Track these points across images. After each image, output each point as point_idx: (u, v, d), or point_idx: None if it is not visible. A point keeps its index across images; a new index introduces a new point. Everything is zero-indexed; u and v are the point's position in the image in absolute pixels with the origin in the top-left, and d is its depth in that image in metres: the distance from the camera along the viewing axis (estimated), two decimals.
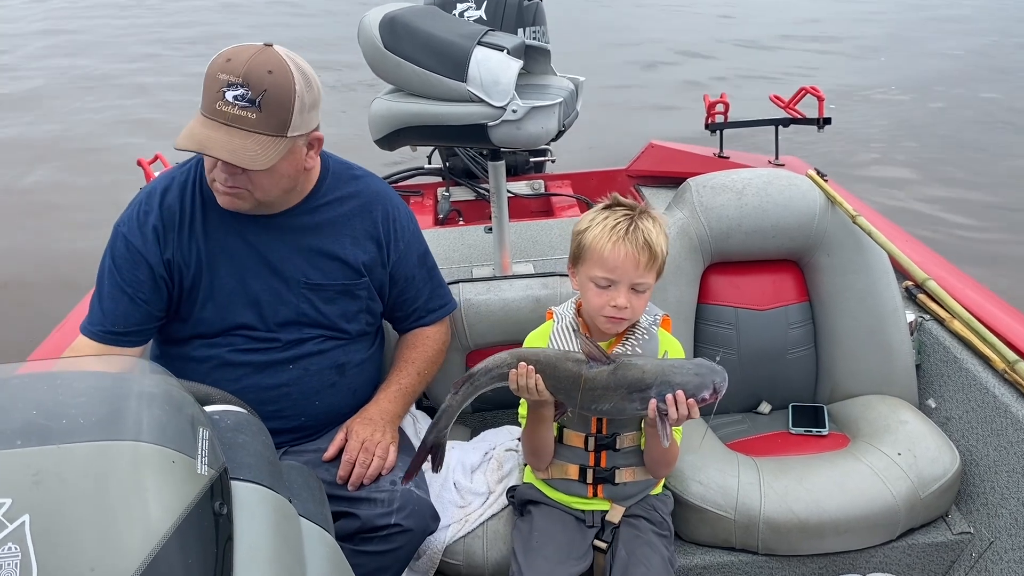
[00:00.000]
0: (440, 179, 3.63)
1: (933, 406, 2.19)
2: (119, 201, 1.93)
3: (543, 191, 3.57)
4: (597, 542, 1.72)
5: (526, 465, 1.86)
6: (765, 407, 2.23)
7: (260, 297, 1.74)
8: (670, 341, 1.74)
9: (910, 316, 2.22)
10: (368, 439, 1.74)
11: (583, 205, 3.40)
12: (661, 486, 1.84)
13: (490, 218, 2.41)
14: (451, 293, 2.04)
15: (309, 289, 1.77)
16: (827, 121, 3.11)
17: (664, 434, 1.51)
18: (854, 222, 2.16)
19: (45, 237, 5.47)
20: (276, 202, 1.71)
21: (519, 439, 1.86)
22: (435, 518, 1.74)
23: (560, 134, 2.06)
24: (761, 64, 9.75)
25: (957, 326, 2.15)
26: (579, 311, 1.74)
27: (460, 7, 2.75)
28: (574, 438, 1.73)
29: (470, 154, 3.48)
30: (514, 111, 1.94)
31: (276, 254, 1.74)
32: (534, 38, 2.72)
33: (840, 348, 2.18)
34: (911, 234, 2.65)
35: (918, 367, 2.22)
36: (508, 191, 2.56)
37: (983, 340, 2.04)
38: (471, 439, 2.14)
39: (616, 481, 1.73)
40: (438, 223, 3.30)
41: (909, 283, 2.35)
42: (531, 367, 1.56)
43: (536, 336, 1.77)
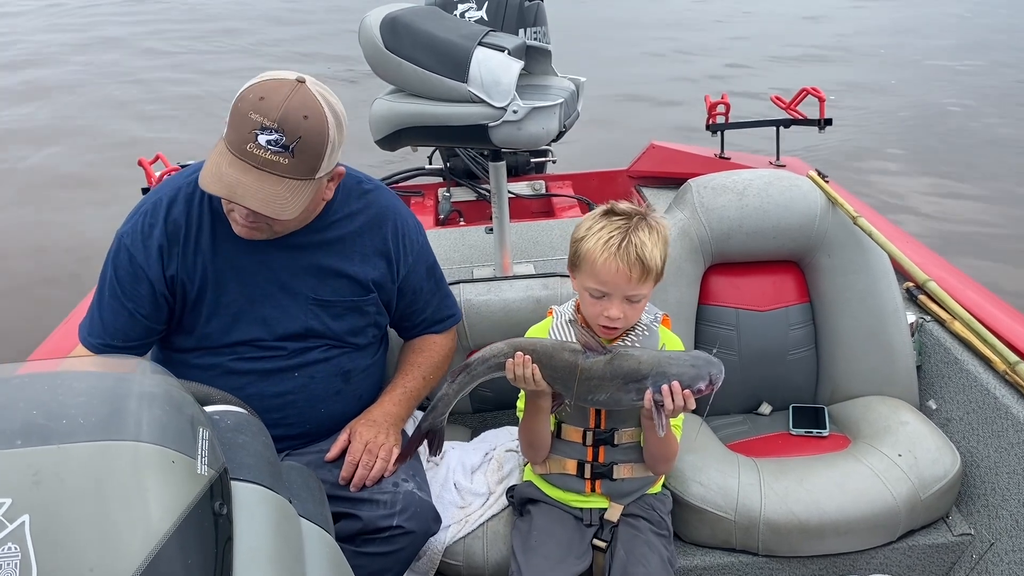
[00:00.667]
0: (441, 179, 3.63)
1: (934, 407, 2.19)
2: (120, 198, 1.92)
3: (544, 192, 3.57)
4: (596, 541, 1.72)
5: (526, 465, 1.86)
6: (765, 408, 2.23)
7: (268, 315, 1.73)
8: (670, 337, 1.75)
9: (911, 317, 2.22)
10: (371, 441, 1.73)
11: (584, 206, 3.39)
12: (659, 485, 1.84)
13: (491, 219, 2.41)
14: (457, 303, 2.03)
15: (318, 305, 1.75)
16: (828, 122, 3.11)
17: (660, 424, 1.52)
18: (855, 223, 2.16)
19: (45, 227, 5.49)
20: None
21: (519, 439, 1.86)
22: (437, 520, 1.74)
23: (561, 135, 2.06)
24: (767, 68, 9.74)
25: (958, 327, 2.15)
26: (579, 308, 1.74)
27: (461, 7, 2.74)
28: (572, 433, 1.73)
29: (471, 155, 3.48)
30: (515, 112, 1.94)
31: (287, 272, 1.72)
32: (535, 39, 2.72)
33: (841, 349, 2.18)
34: (911, 234, 2.65)
35: (919, 368, 2.22)
36: (509, 192, 2.56)
37: (984, 341, 2.04)
38: (471, 439, 2.14)
39: (614, 477, 1.73)
40: (439, 223, 3.30)
41: (910, 284, 2.35)
42: (528, 356, 1.56)
43: (536, 331, 1.78)
